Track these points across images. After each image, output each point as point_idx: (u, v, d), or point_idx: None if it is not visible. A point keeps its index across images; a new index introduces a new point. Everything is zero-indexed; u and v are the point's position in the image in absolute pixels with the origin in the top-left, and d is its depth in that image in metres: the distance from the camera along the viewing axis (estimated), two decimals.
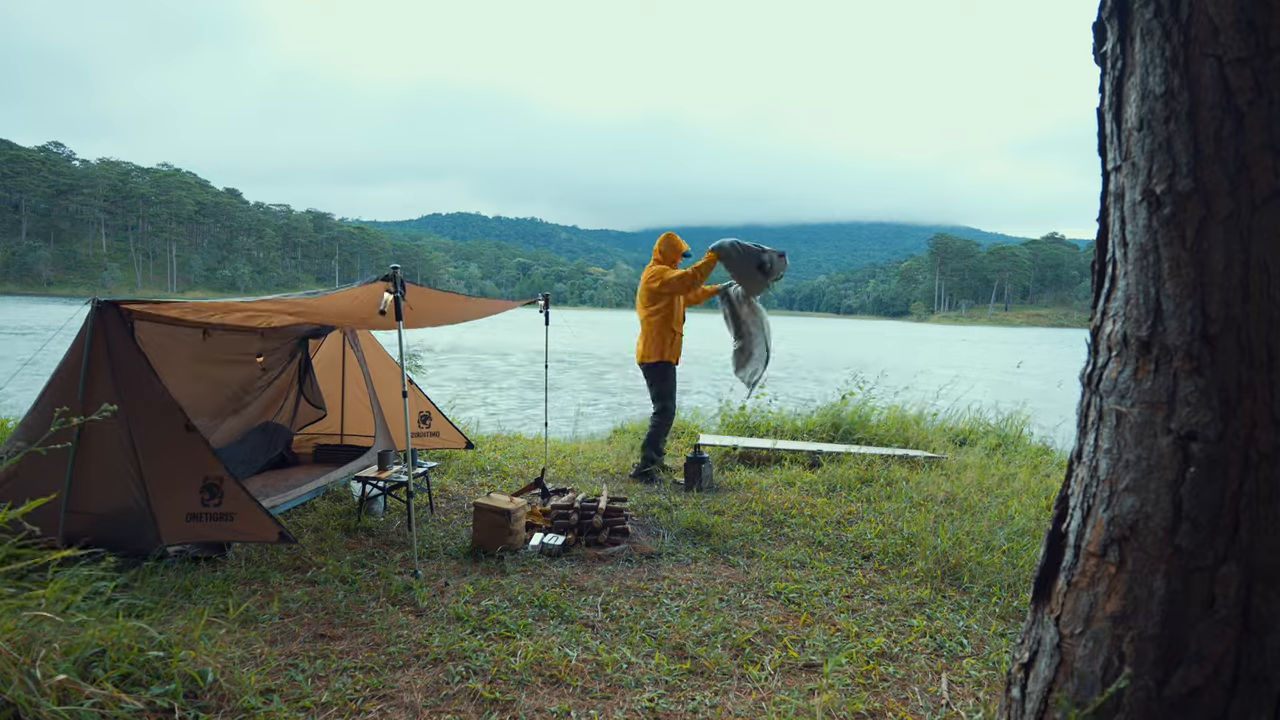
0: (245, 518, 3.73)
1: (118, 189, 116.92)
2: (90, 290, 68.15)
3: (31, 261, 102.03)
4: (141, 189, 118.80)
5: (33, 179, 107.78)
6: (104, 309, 3.72)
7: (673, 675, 2.82)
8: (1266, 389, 1.19)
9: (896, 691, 2.75)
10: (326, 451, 5.98)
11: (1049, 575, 1.46)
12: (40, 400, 3.78)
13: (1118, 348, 1.36)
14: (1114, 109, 1.39)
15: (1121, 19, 1.35)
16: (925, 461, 6.65)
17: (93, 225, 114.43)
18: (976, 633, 3.27)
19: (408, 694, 2.62)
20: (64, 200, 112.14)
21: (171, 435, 3.73)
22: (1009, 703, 1.52)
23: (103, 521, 3.64)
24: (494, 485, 5.86)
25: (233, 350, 5.17)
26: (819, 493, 5.64)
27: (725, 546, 4.40)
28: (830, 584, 3.82)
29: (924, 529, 4.55)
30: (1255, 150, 1.19)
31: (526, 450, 7.19)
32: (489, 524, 4.18)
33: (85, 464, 3.66)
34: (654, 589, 3.71)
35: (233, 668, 2.58)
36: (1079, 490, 1.43)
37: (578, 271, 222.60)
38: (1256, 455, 1.19)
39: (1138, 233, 1.32)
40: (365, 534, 4.52)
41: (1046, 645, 1.42)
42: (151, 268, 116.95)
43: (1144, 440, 1.29)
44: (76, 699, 2.09)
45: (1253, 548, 1.19)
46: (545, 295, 6.25)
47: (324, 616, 3.26)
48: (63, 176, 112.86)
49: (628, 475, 6.22)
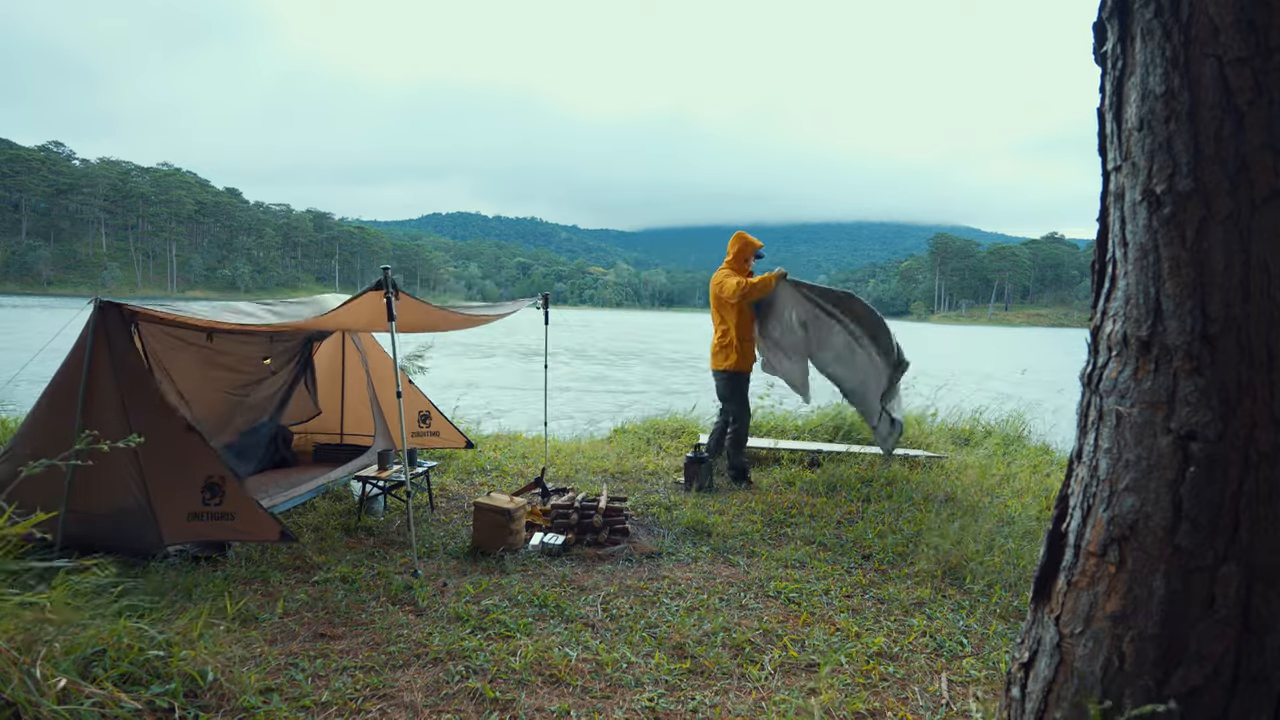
0: (246, 517, 3.73)
1: (118, 188, 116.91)
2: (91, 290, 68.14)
3: (31, 261, 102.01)
4: (141, 188, 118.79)
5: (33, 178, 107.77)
6: (106, 309, 3.72)
7: (673, 675, 2.82)
8: (1266, 389, 1.19)
9: (896, 691, 2.75)
10: (326, 451, 5.98)
11: (1049, 575, 1.46)
12: (43, 400, 3.78)
13: (1118, 348, 1.36)
14: (1114, 109, 1.39)
15: (1122, 19, 1.35)
16: (926, 461, 6.65)
17: (93, 225, 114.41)
18: (976, 632, 3.27)
19: (408, 693, 2.62)
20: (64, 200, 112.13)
21: (172, 435, 3.73)
22: (1009, 702, 1.52)
23: (104, 521, 3.64)
24: (494, 485, 5.86)
25: (238, 352, 5.17)
26: (819, 493, 5.64)
27: (725, 546, 4.40)
28: (830, 584, 3.82)
29: (924, 529, 4.55)
30: (1255, 150, 1.19)
31: (526, 450, 7.19)
32: (489, 523, 4.19)
33: (86, 464, 3.66)
34: (654, 588, 3.71)
35: (233, 667, 2.58)
36: (1079, 490, 1.43)
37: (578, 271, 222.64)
38: (1256, 455, 1.19)
39: (1138, 233, 1.32)
40: (365, 533, 4.52)
41: (1046, 645, 1.42)
42: (151, 267, 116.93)
43: (1144, 440, 1.29)
44: (76, 698, 2.09)
45: (1253, 548, 1.19)
46: (545, 295, 6.24)
47: (324, 616, 3.26)
48: (63, 176, 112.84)
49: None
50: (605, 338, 45.57)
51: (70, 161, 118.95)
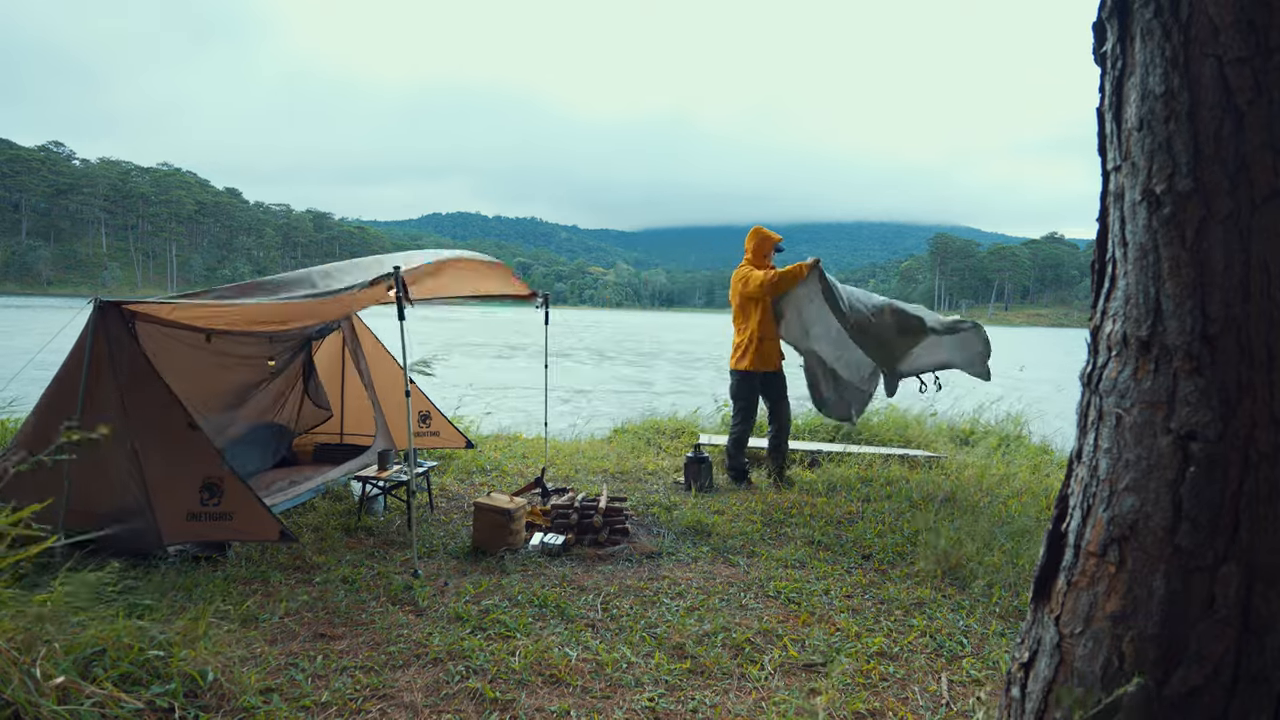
0: (245, 516, 3.73)
1: (118, 188, 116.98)
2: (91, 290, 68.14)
3: (31, 261, 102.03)
4: (141, 188, 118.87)
5: (33, 178, 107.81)
6: (105, 309, 3.72)
7: (673, 675, 2.82)
8: (1266, 389, 1.19)
9: (896, 691, 2.75)
10: (327, 451, 5.97)
11: (1049, 575, 1.46)
12: (43, 400, 3.78)
13: (1117, 347, 1.36)
14: (1114, 109, 1.39)
15: (1121, 19, 1.35)
16: (925, 461, 6.65)
17: (93, 225, 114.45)
18: (977, 632, 3.27)
19: (408, 693, 2.62)
20: (64, 200, 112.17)
21: (172, 434, 3.73)
22: (1009, 702, 1.52)
23: (104, 521, 3.63)
24: (494, 485, 5.86)
25: (238, 353, 5.17)
26: (819, 492, 5.64)
27: (725, 546, 4.40)
28: (830, 584, 3.82)
29: (924, 529, 4.55)
30: (1255, 150, 1.19)
31: (526, 450, 7.19)
32: (489, 523, 4.18)
33: (86, 463, 3.66)
34: (654, 588, 3.71)
35: (233, 667, 2.58)
36: (1079, 490, 1.43)
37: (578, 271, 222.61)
38: (1256, 455, 1.19)
39: (1138, 233, 1.32)
40: (365, 533, 4.52)
41: (1046, 645, 1.42)
42: (151, 267, 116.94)
43: (1144, 440, 1.29)
44: (76, 698, 2.09)
45: (1253, 548, 1.19)
46: (545, 295, 6.23)
47: (324, 616, 3.26)
48: (63, 176, 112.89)
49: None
50: (621, 337, 45.58)
51: (70, 161, 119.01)
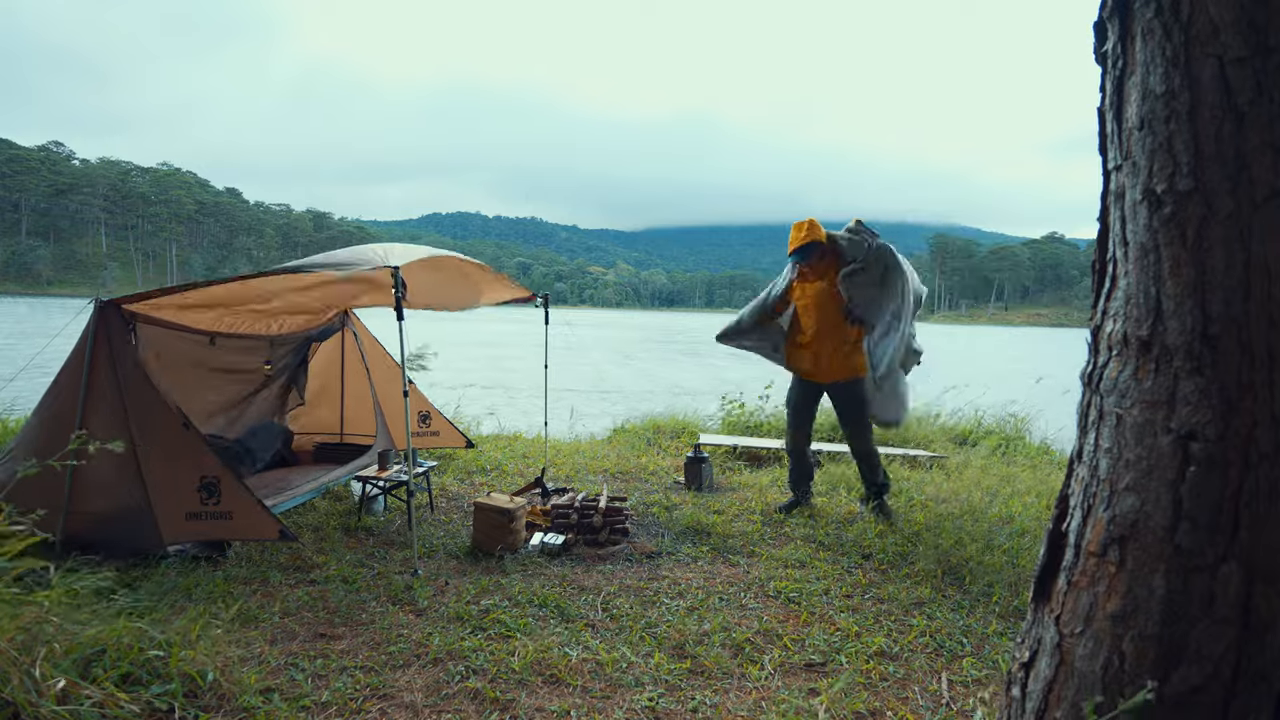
0: (244, 516, 3.73)
1: (118, 188, 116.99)
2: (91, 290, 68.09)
3: (31, 261, 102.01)
4: (141, 188, 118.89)
5: (33, 178, 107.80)
6: (106, 308, 3.73)
7: (673, 675, 2.82)
8: (1267, 389, 1.19)
9: (896, 691, 2.75)
10: (327, 451, 5.97)
11: (1049, 574, 1.46)
12: (45, 401, 3.78)
13: (1118, 347, 1.36)
14: (1115, 108, 1.39)
15: (1122, 18, 1.35)
16: (926, 461, 6.65)
17: (92, 225, 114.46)
18: (977, 632, 3.27)
19: (408, 693, 2.62)
20: (64, 200, 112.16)
21: (170, 434, 3.73)
22: (1009, 702, 1.52)
23: (103, 521, 3.64)
24: (494, 485, 5.86)
25: (239, 356, 5.17)
26: (819, 492, 5.64)
27: (725, 546, 4.40)
28: (830, 583, 3.82)
29: (924, 528, 4.55)
30: (1255, 150, 1.19)
31: (526, 450, 7.19)
32: (489, 523, 4.18)
33: (86, 464, 3.67)
34: (654, 588, 3.71)
35: (233, 667, 2.58)
36: (1079, 490, 1.43)
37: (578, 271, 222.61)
38: (1256, 455, 1.19)
39: (1138, 232, 1.32)
40: (365, 533, 4.52)
41: (1047, 645, 1.42)
42: (151, 267, 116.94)
43: (1144, 440, 1.29)
44: (76, 699, 2.09)
45: (1253, 547, 1.19)
46: (544, 295, 6.23)
47: (324, 616, 3.26)
48: (63, 176, 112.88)
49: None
50: (640, 337, 45.52)
51: (70, 161, 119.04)
